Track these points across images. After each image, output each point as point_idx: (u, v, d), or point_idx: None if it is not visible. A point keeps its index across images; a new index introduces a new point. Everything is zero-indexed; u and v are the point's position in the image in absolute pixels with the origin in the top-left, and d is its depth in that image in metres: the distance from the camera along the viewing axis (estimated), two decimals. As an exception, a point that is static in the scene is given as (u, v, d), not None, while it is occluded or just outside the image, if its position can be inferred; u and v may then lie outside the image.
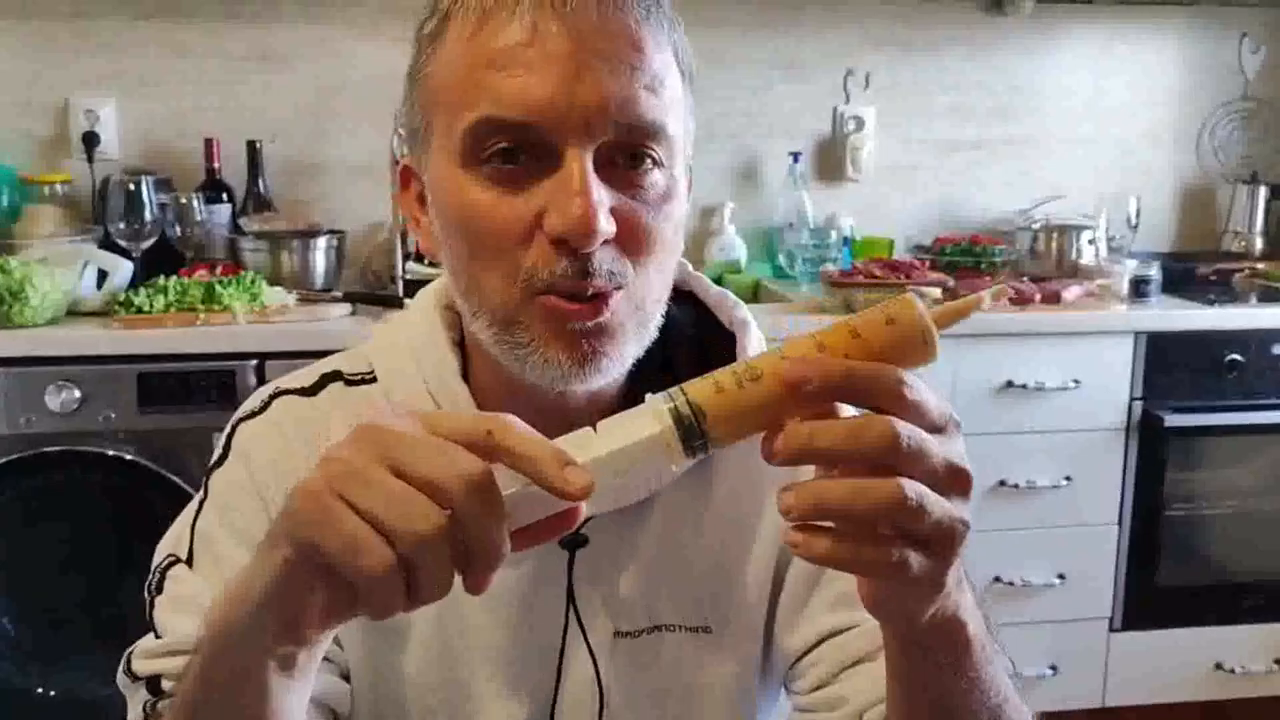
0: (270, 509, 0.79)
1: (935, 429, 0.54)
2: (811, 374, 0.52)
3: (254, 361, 2.05)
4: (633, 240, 0.71)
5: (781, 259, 2.67)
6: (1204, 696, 2.51)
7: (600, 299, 0.70)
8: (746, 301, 2.77)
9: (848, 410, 0.55)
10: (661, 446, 0.55)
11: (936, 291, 2.28)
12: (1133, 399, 2.38)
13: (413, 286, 2.26)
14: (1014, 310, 2.34)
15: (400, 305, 2.23)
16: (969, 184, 2.83)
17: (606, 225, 0.69)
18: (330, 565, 0.52)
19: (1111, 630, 2.46)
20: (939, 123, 2.80)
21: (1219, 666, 2.49)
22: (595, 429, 0.57)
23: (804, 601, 0.83)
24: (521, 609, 0.82)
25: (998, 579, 2.39)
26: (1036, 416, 2.35)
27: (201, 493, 0.84)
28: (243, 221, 2.40)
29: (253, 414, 0.85)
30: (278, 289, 2.19)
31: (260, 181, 2.47)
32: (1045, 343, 2.34)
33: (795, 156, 2.69)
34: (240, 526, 0.80)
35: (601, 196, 0.68)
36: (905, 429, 0.52)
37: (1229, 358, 2.38)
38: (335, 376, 0.86)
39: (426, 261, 2.26)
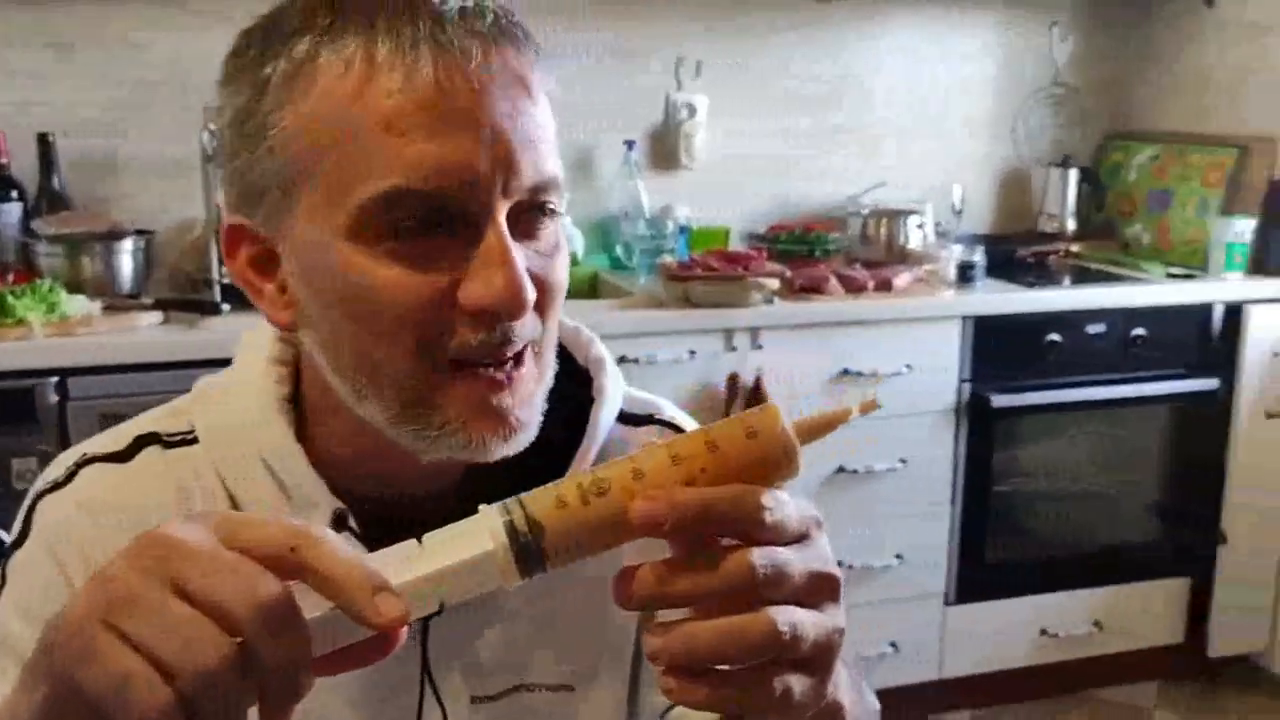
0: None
1: (797, 540, 0.51)
2: (664, 514, 0.48)
3: (55, 379, 1.89)
4: (544, 297, 0.66)
5: (619, 250, 2.64)
6: (1033, 661, 2.62)
7: (516, 364, 0.66)
8: (585, 295, 2.70)
9: None
10: (493, 567, 0.50)
11: (775, 283, 2.29)
12: (961, 381, 2.45)
13: (230, 291, 2.13)
14: (848, 298, 2.38)
15: (218, 311, 2.10)
16: (801, 171, 2.85)
17: (532, 294, 0.63)
18: (96, 707, 0.45)
19: (946, 605, 2.55)
20: (770, 110, 2.80)
21: (1044, 632, 2.61)
22: (420, 541, 0.51)
23: None
24: (372, 685, 0.75)
25: (839, 563, 2.42)
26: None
27: None
28: (36, 223, 2.21)
29: (55, 486, 0.75)
30: (79, 297, 2.02)
31: (54, 178, 2.27)
32: (878, 329, 2.38)
33: (629, 145, 2.66)
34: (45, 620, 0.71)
35: (522, 263, 0.63)
36: (760, 558, 0.49)
37: (1048, 338, 2.48)
38: (151, 439, 0.76)
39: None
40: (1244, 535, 2.63)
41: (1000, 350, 2.46)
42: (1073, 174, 2.94)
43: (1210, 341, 2.56)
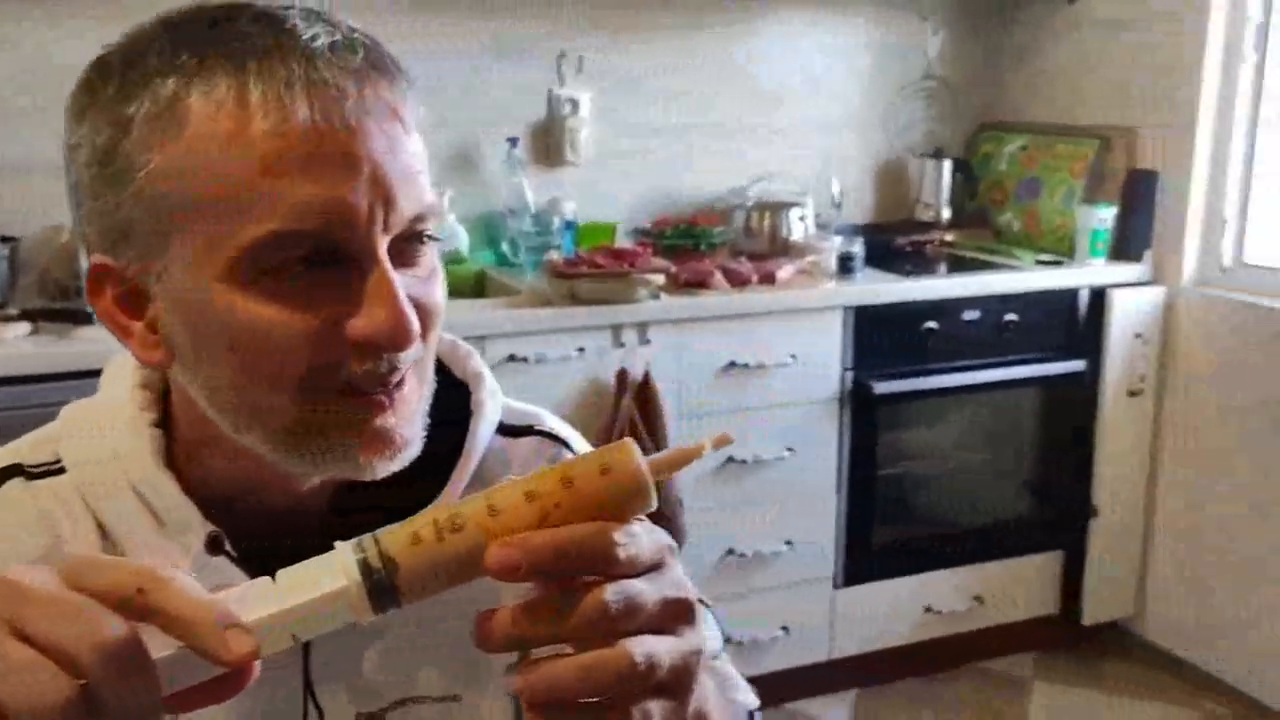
0: None
1: (651, 569, 0.53)
2: (518, 560, 0.50)
3: (-86, 396, 1.82)
4: (425, 320, 0.67)
5: (505, 247, 2.64)
6: (918, 638, 2.72)
7: (399, 385, 0.67)
8: (472, 293, 2.69)
9: None
10: (345, 603, 0.51)
11: (660, 279, 2.32)
12: (844, 370, 2.51)
13: (103, 298, 2.06)
14: (732, 292, 2.42)
15: (91, 321, 2.03)
16: (684, 166, 2.88)
17: (417, 326, 0.64)
18: None
19: (835, 588, 2.62)
20: (654, 105, 2.82)
21: (928, 609, 2.70)
22: (275, 578, 0.52)
23: None
24: (256, 705, 0.75)
25: (730, 551, 2.48)
26: (758, 393, 2.44)
27: None
28: (-111, 231, 2.11)
29: None
30: (-62, 309, 1.94)
31: (-92, 183, 2.17)
32: (763, 322, 2.43)
33: (513, 141, 2.65)
34: None
35: (405, 295, 0.63)
36: (613, 594, 0.51)
37: (926, 325, 2.56)
38: (14, 471, 0.74)
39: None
40: (1112, 508, 2.77)
41: (880, 339, 2.53)
42: (946, 165, 3.04)
43: (1076, 325, 2.68)
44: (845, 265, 2.57)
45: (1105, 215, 2.72)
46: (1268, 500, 2.50)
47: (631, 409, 2.29)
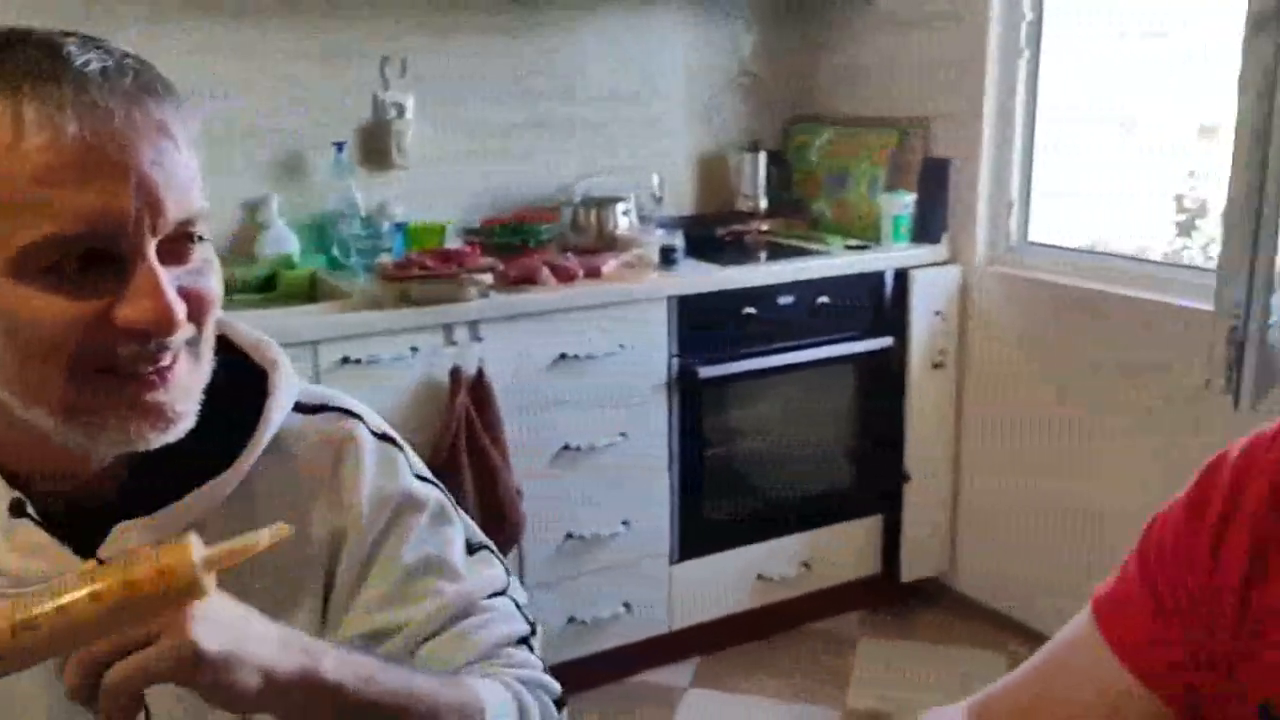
0: None
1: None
2: (75, 681, 0.66)
3: None
4: (197, 309, 0.76)
5: (336, 250, 2.67)
6: (751, 605, 2.88)
7: (171, 365, 0.75)
8: (304, 297, 2.71)
9: None
10: None
11: (489, 278, 2.40)
12: (671, 357, 2.65)
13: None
14: (560, 287, 2.52)
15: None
16: (511, 166, 2.96)
17: (183, 314, 0.73)
18: None
19: (671, 563, 2.76)
20: (476, 107, 2.90)
21: (760, 577, 2.87)
22: None
23: (349, 600, 0.91)
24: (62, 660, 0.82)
25: (570, 535, 2.59)
26: (590, 383, 2.55)
27: None
28: None
29: None
30: None
31: None
32: (591, 314, 2.54)
33: (339, 146, 2.69)
34: None
35: (172, 287, 0.72)
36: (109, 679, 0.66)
37: (745, 311, 2.72)
38: None
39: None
40: (923, 474, 2.99)
41: (704, 325, 2.67)
42: (762, 157, 3.20)
43: (883, 305, 2.89)
44: (667, 257, 2.71)
45: (906, 201, 2.93)
46: (1059, 461, 2.75)
47: (466, 405, 2.37)
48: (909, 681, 2.79)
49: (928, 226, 2.95)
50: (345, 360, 2.26)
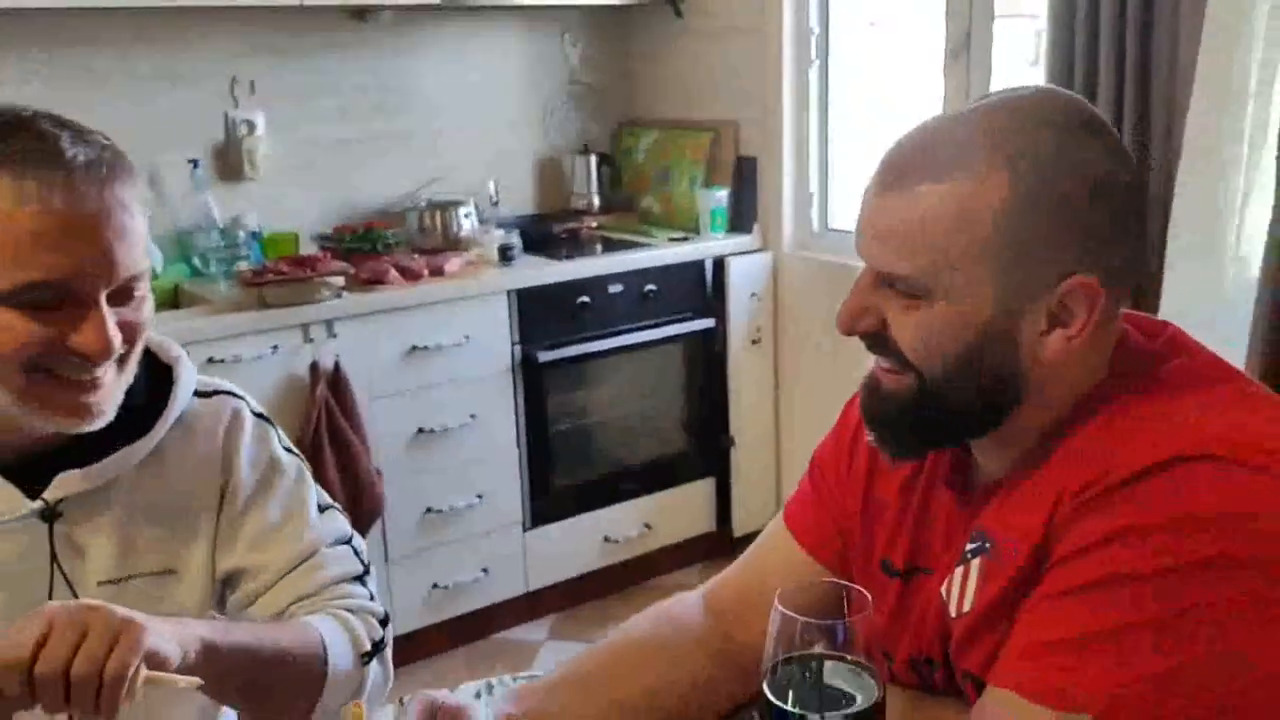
0: None
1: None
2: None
3: None
4: (130, 335, 1.03)
5: (196, 260, 2.87)
6: (599, 565, 3.19)
7: (100, 378, 1.02)
8: (169, 305, 2.92)
9: None
10: None
11: (340, 280, 2.65)
12: (513, 344, 2.93)
13: None
14: (408, 285, 2.78)
15: None
16: (359, 175, 3.20)
17: (120, 345, 1.00)
18: None
19: (524, 530, 3.05)
20: (324, 121, 3.12)
21: (607, 539, 3.19)
22: None
23: (231, 540, 1.18)
24: (12, 576, 1.07)
25: (429, 509, 2.86)
26: (440, 371, 2.82)
27: None
28: None
29: None
30: None
31: None
32: (438, 309, 2.80)
33: (194, 163, 2.88)
34: None
35: (113, 324, 0.99)
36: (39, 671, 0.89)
37: (580, 300, 3.02)
38: None
39: None
40: (747, 438, 3.35)
41: (542, 314, 2.96)
42: (593, 159, 3.51)
43: (704, 289, 3.23)
44: (505, 254, 2.99)
45: (721, 195, 3.28)
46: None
47: (326, 396, 2.61)
48: (741, 622, 3.13)
49: (741, 218, 3.31)
50: (210, 360, 2.48)
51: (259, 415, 1.23)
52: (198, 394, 1.19)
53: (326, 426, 2.60)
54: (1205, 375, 0.96)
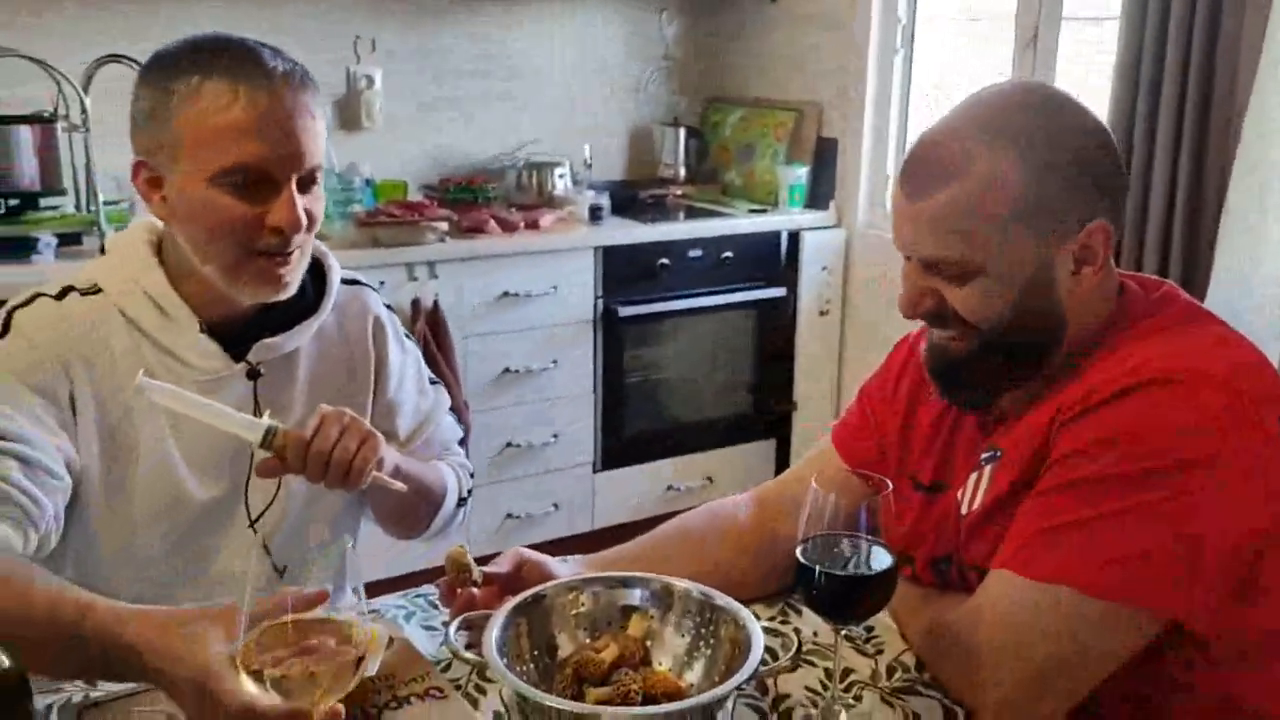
0: (49, 362, 1.22)
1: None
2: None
3: None
4: (311, 222, 1.26)
5: (314, 201, 3.14)
6: (662, 511, 3.40)
7: (291, 254, 1.25)
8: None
9: None
10: (244, 441, 1.16)
11: (444, 226, 2.89)
12: (596, 298, 3.16)
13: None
14: (504, 236, 3.02)
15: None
16: (465, 132, 3.45)
17: (304, 224, 1.23)
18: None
19: (594, 472, 3.28)
20: (436, 81, 3.37)
21: (670, 488, 3.40)
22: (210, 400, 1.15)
23: (379, 406, 1.44)
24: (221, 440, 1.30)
25: (509, 444, 3.10)
26: (527, 317, 3.05)
27: None
28: None
29: (23, 305, 1.26)
30: None
31: None
32: (530, 259, 3.04)
33: (318, 112, 3.14)
34: (28, 379, 1.20)
35: (301, 205, 1.22)
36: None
37: (661, 261, 3.23)
38: (70, 289, 1.28)
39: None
40: (808, 403, 3.54)
41: (625, 272, 3.18)
42: (682, 131, 3.71)
43: (778, 260, 3.41)
44: (595, 214, 3.21)
45: (800, 172, 3.46)
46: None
47: (425, 330, 2.86)
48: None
49: (818, 195, 3.48)
50: (324, 290, 2.74)
51: (388, 305, 1.49)
52: (345, 282, 1.43)
53: (424, 357, 2.84)
54: (1189, 319, 1.15)
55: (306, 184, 1.24)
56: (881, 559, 1.08)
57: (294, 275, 1.27)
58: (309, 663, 0.85)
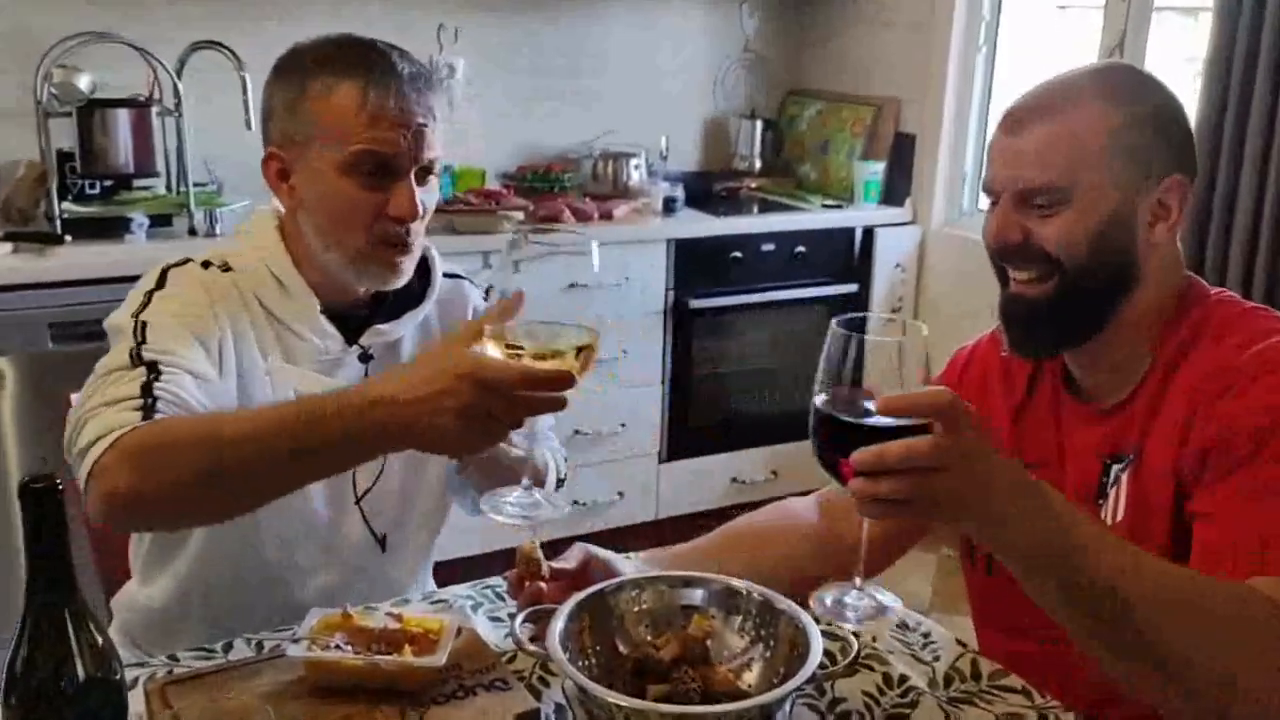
0: (203, 310, 1.30)
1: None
2: None
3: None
4: (426, 213, 1.33)
5: (394, 186, 3.20)
6: (726, 503, 3.42)
7: (408, 242, 1.32)
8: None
9: None
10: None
11: (520, 214, 2.93)
12: (667, 289, 3.18)
13: (69, 224, 2.59)
14: (578, 225, 3.05)
15: (61, 241, 2.55)
16: (543, 122, 3.49)
17: (422, 212, 1.30)
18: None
19: (660, 462, 3.31)
20: (516, 71, 3.41)
21: (734, 480, 3.42)
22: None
23: None
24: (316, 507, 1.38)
25: (577, 431, 3.14)
26: (598, 307, 3.05)
27: (143, 301, 1.29)
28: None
29: (177, 265, 1.35)
30: (-61, 231, 2.42)
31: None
32: (603, 249, 3.03)
33: (400, 99, 3.20)
34: (186, 313, 1.28)
35: (418, 197, 1.29)
36: None
37: (733, 254, 3.24)
38: (208, 263, 1.37)
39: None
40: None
41: (697, 264, 3.20)
42: (759, 124, 3.71)
43: (851, 256, 3.40)
44: (669, 205, 3.23)
45: (877, 169, 3.44)
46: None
47: (497, 317, 2.90)
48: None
49: (894, 191, 3.46)
50: (402, 276, 2.80)
51: (484, 297, 1.56)
52: (447, 276, 1.50)
53: (496, 344, 2.89)
54: (1267, 310, 1.22)
55: (424, 175, 1.32)
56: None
57: (410, 264, 1.35)
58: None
